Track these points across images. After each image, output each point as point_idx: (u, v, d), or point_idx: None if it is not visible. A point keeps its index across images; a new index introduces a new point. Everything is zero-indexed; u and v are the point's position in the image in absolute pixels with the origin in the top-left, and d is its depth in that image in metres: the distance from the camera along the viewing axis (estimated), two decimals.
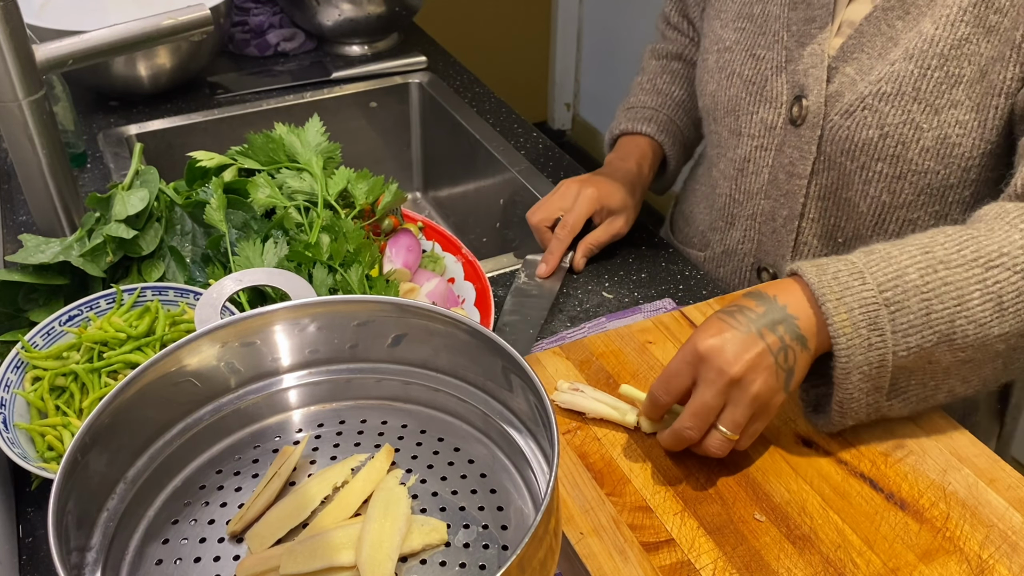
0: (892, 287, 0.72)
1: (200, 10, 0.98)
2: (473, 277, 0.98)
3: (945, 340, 0.73)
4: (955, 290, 0.72)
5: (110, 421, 0.57)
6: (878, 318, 0.72)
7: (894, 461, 0.78)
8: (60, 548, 0.50)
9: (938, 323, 0.72)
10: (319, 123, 1.01)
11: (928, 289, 0.72)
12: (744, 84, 0.98)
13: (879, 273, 0.73)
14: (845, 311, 0.72)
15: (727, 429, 0.72)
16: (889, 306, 0.72)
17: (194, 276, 0.92)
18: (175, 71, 1.42)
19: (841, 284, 0.73)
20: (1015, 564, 0.69)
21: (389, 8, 1.57)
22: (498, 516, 0.61)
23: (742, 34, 0.99)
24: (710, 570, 0.69)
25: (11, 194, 1.22)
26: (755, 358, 0.71)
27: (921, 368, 0.75)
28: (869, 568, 0.69)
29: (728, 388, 0.72)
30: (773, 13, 0.96)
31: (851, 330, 0.72)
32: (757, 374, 0.71)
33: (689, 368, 0.73)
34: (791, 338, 0.72)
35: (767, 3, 0.97)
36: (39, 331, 0.83)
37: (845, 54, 0.91)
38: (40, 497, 0.80)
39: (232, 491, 0.63)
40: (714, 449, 0.73)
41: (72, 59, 0.93)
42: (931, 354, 0.73)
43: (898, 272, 0.73)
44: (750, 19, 0.98)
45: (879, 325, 0.72)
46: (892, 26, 0.88)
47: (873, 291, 0.72)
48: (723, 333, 0.72)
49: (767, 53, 0.96)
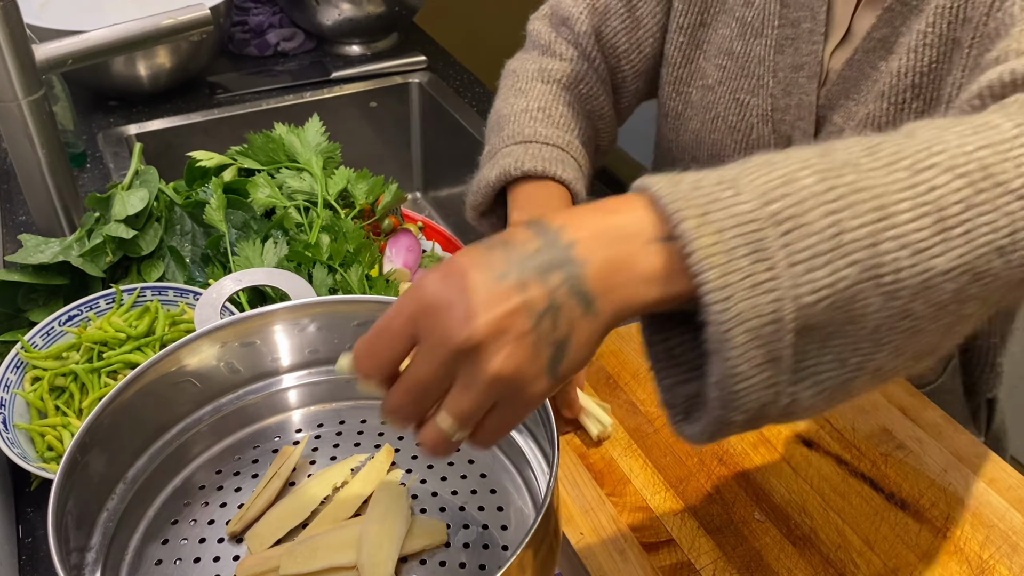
0: (780, 196, 0.46)
1: (200, 10, 0.98)
2: None
3: (870, 276, 0.47)
4: (873, 198, 0.47)
5: (110, 421, 0.57)
6: (763, 242, 0.45)
7: (894, 461, 0.78)
8: (60, 548, 0.49)
9: (855, 248, 0.46)
10: (319, 123, 1.01)
11: (834, 197, 0.47)
12: (729, 130, 0.91)
13: (759, 180, 0.47)
14: (713, 232, 0.45)
15: (451, 417, 0.48)
16: (779, 223, 0.46)
17: (194, 276, 0.92)
18: (175, 71, 1.42)
19: (705, 195, 0.47)
20: (1015, 564, 0.69)
21: (389, 8, 1.57)
22: (498, 516, 0.61)
23: (724, 72, 0.90)
24: (710, 570, 0.69)
25: (11, 194, 1.22)
26: (501, 319, 0.46)
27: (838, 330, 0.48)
28: (869, 568, 0.69)
29: (454, 360, 0.46)
30: (757, 55, 0.87)
31: (724, 260, 0.45)
32: (502, 345, 0.46)
33: (406, 325, 0.48)
34: (568, 294, 0.46)
35: (749, 42, 0.88)
36: (39, 331, 0.83)
37: (831, 102, 0.84)
38: (40, 497, 0.80)
39: (232, 491, 0.63)
40: (428, 444, 0.49)
41: (72, 59, 0.93)
42: (852, 301, 0.47)
43: (786, 177, 0.47)
44: (731, 57, 0.89)
45: (766, 253, 0.45)
46: (876, 68, 0.81)
47: (753, 203, 0.46)
48: (462, 278, 0.46)
49: (751, 99, 0.88)
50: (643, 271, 0.47)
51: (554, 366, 0.48)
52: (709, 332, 0.45)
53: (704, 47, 0.92)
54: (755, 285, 0.45)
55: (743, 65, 0.89)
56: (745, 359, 0.46)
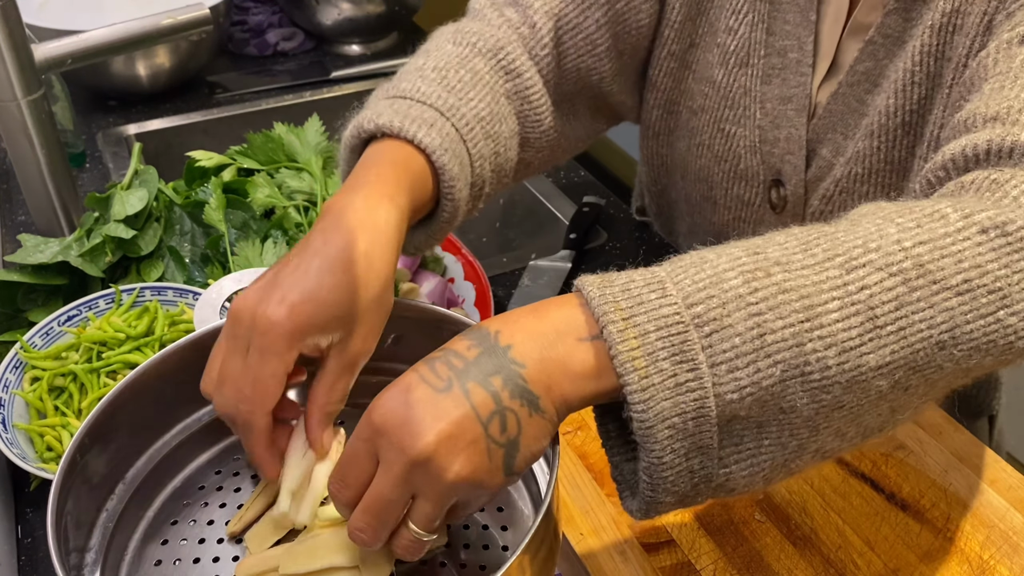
0: (704, 299, 0.48)
1: (199, 9, 0.98)
2: (473, 277, 0.98)
3: (796, 375, 0.48)
4: (799, 299, 0.48)
5: (109, 421, 0.57)
6: (685, 344, 0.47)
7: (895, 462, 0.78)
8: (59, 549, 0.49)
9: (778, 348, 0.48)
10: (318, 123, 1.01)
11: (758, 299, 0.48)
12: (715, 159, 0.87)
13: (685, 281, 0.49)
14: (636, 336, 0.48)
15: (417, 527, 0.51)
16: (701, 326, 0.48)
17: (193, 276, 0.92)
18: (174, 71, 1.42)
19: (632, 298, 0.49)
20: (1016, 565, 0.69)
21: (389, 7, 1.57)
22: (498, 516, 0.61)
23: (707, 100, 0.86)
24: (710, 571, 0.69)
25: (10, 194, 1.22)
26: (451, 429, 0.48)
27: (773, 419, 0.50)
28: (870, 569, 0.69)
29: (410, 473, 0.49)
30: (743, 85, 0.84)
31: (645, 363, 0.47)
32: (455, 454, 0.48)
33: (367, 447, 0.50)
34: (511, 396, 0.49)
35: (733, 71, 0.84)
36: (38, 331, 0.83)
37: (819, 135, 0.82)
38: (39, 497, 0.80)
39: (231, 492, 0.63)
40: (402, 551, 0.52)
41: (71, 58, 0.93)
42: (779, 397, 0.48)
43: (713, 278, 0.49)
44: (712, 85, 0.85)
45: (688, 355, 0.48)
46: (862, 101, 0.79)
47: (676, 305, 0.48)
48: (409, 393, 0.49)
49: (738, 130, 0.85)
50: (577, 369, 0.49)
51: (508, 463, 0.50)
52: (634, 427, 0.48)
53: (693, 67, 0.88)
54: (677, 385, 0.48)
55: (726, 96, 0.85)
56: (668, 451, 0.49)
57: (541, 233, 1.24)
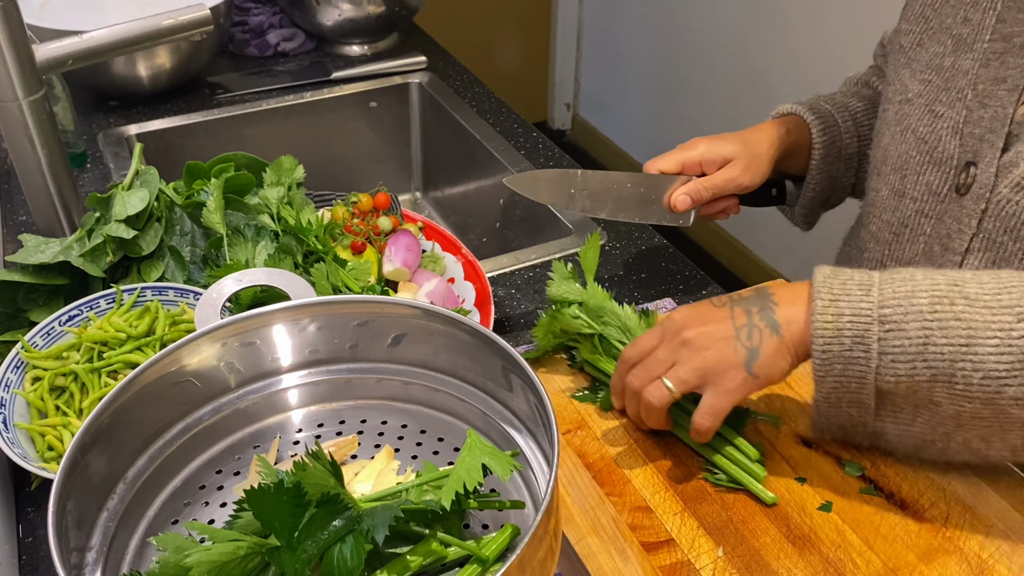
0: (894, 306, 0.68)
1: (200, 10, 0.98)
2: (473, 277, 0.98)
3: (943, 380, 0.67)
4: (966, 328, 0.67)
5: (110, 421, 0.57)
6: (867, 333, 0.69)
7: (894, 461, 0.78)
8: (60, 548, 0.49)
9: (935, 358, 0.67)
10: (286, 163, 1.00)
11: (934, 319, 0.67)
12: (917, 141, 0.90)
13: (888, 290, 0.69)
14: (833, 313, 0.70)
15: (670, 381, 0.74)
16: (884, 323, 0.68)
17: (193, 276, 0.92)
18: (175, 71, 1.42)
19: (844, 288, 0.70)
20: (1015, 564, 0.69)
21: (389, 8, 1.57)
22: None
23: (927, 87, 0.90)
24: (710, 570, 0.69)
25: (11, 194, 1.22)
26: (714, 326, 0.74)
27: (923, 404, 0.71)
28: (869, 568, 0.69)
29: (679, 347, 0.74)
30: (963, 68, 0.87)
31: (831, 334, 0.70)
32: (712, 341, 0.73)
33: (660, 329, 0.77)
34: (761, 319, 0.73)
35: (959, 56, 0.87)
36: (39, 331, 0.83)
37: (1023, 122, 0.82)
38: (40, 497, 0.80)
39: (232, 491, 0.63)
40: (650, 396, 0.75)
41: (72, 59, 0.93)
42: (929, 391, 0.69)
43: (908, 293, 0.69)
44: (938, 71, 0.89)
45: (866, 341, 0.69)
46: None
47: (872, 305, 0.69)
48: (701, 306, 0.77)
49: (946, 111, 0.88)
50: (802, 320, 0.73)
51: (749, 364, 0.73)
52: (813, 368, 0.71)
53: (912, 65, 0.93)
54: (850, 359, 0.70)
55: (948, 79, 0.88)
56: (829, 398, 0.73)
57: (541, 233, 1.24)
